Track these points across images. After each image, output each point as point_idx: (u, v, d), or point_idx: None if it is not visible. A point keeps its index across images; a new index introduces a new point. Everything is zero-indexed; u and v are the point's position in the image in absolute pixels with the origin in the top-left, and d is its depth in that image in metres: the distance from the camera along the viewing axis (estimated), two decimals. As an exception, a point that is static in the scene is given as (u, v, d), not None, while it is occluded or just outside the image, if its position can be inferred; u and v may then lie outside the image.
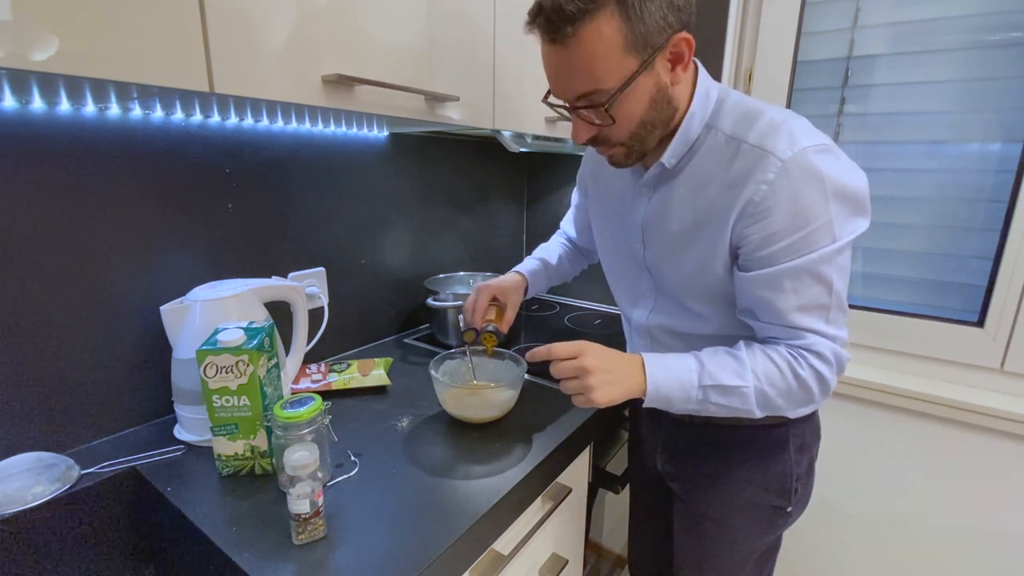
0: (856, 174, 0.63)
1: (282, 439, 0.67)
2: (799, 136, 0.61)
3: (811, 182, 0.60)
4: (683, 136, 0.68)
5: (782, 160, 0.60)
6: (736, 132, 0.65)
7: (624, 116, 0.64)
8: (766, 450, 0.79)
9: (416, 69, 0.80)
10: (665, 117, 0.67)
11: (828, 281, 0.63)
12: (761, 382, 0.65)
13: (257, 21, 0.60)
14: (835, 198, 0.61)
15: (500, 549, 0.73)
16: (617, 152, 0.69)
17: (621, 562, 1.28)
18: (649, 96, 0.63)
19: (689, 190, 0.69)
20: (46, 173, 0.70)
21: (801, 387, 0.65)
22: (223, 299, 0.78)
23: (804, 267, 0.62)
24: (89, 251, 0.75)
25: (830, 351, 0.65)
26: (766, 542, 0.85)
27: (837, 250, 0.62)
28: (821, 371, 0.65)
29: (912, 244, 1.20)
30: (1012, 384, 1.13)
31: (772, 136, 0.62)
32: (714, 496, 0.82)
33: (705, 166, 0.67)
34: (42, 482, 0.68)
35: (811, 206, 0.60)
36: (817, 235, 0.61)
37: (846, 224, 0.62)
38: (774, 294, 0.64)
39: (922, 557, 1.24)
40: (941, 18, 1.10)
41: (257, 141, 0.94)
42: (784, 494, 0.79)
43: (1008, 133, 1.08)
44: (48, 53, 0.45)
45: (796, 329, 0.65)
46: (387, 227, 1.24)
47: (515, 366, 0.92)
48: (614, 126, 0.64)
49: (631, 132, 0.66)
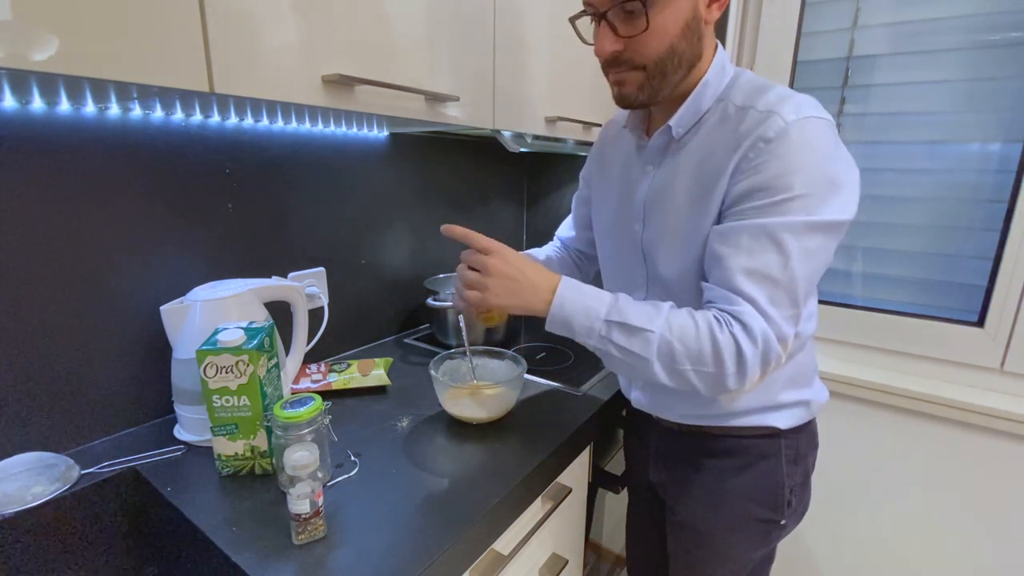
0: (849, 165, 0.62)
1: (282, 439, 0.67)
2: (807, 106, 0.61)
3: (808, 149, 0.59)
4: (694, 103, 0.67)
5: (786, 121, 0.59)
6: (746, 102, 0.64)
7: (658, 28, 0.61)
8: (757, 462, 0.76)
9: (416, 69, 0.80)
10: (690, 56, 0.65)
11: (786, 253, 0.59)
12: (671, 334, 0.61)
13: (257, 21, 0.60)
14: (825, 175, 0.59)
15: (500, 549, 0.73)
16: (634, 78, 0.65)
17: (621, 562, 1.28)
18: (684, 20, 0.62)
19: (696, 160, 0.67)
20: (46, 173, 0.70)
21: (715, 353, 0.60)
22: (223, 299, 0.78)
23: (767, 228, 0.59)
24: (89, 251, 0.75)
25: (759, 329, 0.59)
26: (759, 555, 0.82)
27: (807, 226, 0.59)
28: (741, 344, 0.59)
29: (912, 244, 1.20)
30: (1012, 384, 1.13)
31: (781, 102, 0.62)
32: (704, 509, 0.80)
33: (714, 136, 0.66)
34: (42, 482, 0.68)
35: (800, 171, 0.59)
36: (795, 203, 0.59)
37: (826, 205, 0.59)
38: (729, 250, 0.61)
39: (922, 557, 1.24)
40: (941, 18, 1.10)
41: (257, 141, 0.94)
42: (777, 507, 0.77)
43: (1008, 133, 1.08)
44: (48, 53, 0.45)
45: (734, 294, 0.61)
46: (387, 227, 1.24)
47: (515, 366, 0.92)
48: (644, 38, 0.62)
49: (659, 54, 0.63)
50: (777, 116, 0.60)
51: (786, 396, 0.75)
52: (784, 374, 0.74)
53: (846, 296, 1.30)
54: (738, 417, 0.75)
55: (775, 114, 0.60)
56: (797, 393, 0.76)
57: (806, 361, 0.77)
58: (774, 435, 0.76)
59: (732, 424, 0.75)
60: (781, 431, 0.75)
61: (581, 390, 1.00)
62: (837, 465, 1.28)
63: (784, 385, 0.74)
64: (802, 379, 0.76)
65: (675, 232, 0.70)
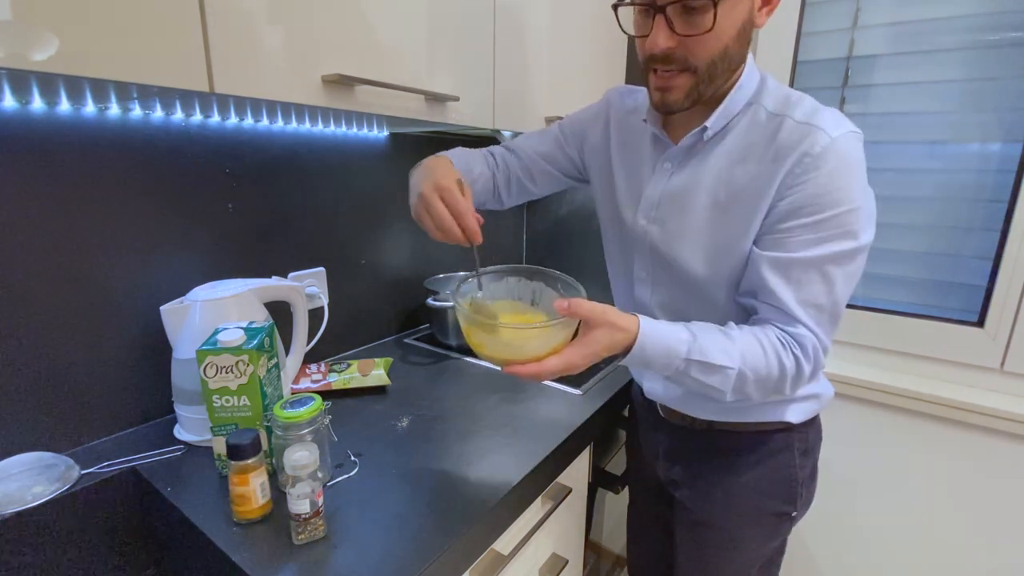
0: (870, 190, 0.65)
1: (282, 439, 0.67)
2: (846, 123, 0.63)
3: (853, 165, 0.61)
4: (729, 104, 0.66)
5: (831, 136, 0.60)
6: (779, 109, 0.65)
7: (721, 29, 0.59)
8: (770, 456, 0.77)
9: (416, 69, 0.80)
10: (738, 58, 0.64)
11: (832, 282, 0.63)
12: (746, 366, 0.63)
13: (257, 21, 0.60)
14: (865, 191, 0.62)
15: (500, 549, 0.73)
16: (682, 83, 0.63)
17: (621, 562, 1.28)
18: (741, 21, 0.61)
19: (726, 163, 0.67)
20: (46, 173, 0.70)
21: (780, 376, 0.64)
22: (223, 299, 0.78)
23: (816, 262, 0.62)
24: (89, 251, 0.75)
25: (812, 347, 0.64)
26: (771, 548, 0.84)
27: (851, 253, 0.62)
28: (801, 364, 0.64)
29: (912, 244, 1.20)
30: (1012, 384, 1.13)
31: (818, 115, 0.62)
32: (718, 504, 0.80)
33: (744, 139, 0.66)
34: (42, 482, 0.68)
35: (846, 188, 0.60)
36: (842, 220, 0.60)
37: (868, 223, 0.62)
38: (779, 281, 0.63)
39: (922, 557, 1.24)
40: (941, 18, 1.10)
41: (257, 141, 0.94)
42: (790, 500, 0.79)
43: (1008, 133, 1.08)
44: (48, 53, 0.45)
45: (791, 317, 0.64)
46: (387, 227, 1.24)
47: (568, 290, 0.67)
48: (701, 39, 0.59)
49: (713, 56, 0.61)
50: (821, 132, 0.60)
51: (800, 391, 0.76)
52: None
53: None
54: (753, 412, 0.76)
55: (819, 129, 0.61)
56: (808, 387, 0.76)
57: None
58: (786, 429, 0.77)
59: (747, 420, 0.77)
60: (794, 425, 0.76)
61: (581, 390, 1.00)
62: (837, 465, 1.28)
63: None
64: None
65: (699, 234, 0.69)
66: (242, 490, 0.61)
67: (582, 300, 0.60)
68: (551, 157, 0.89)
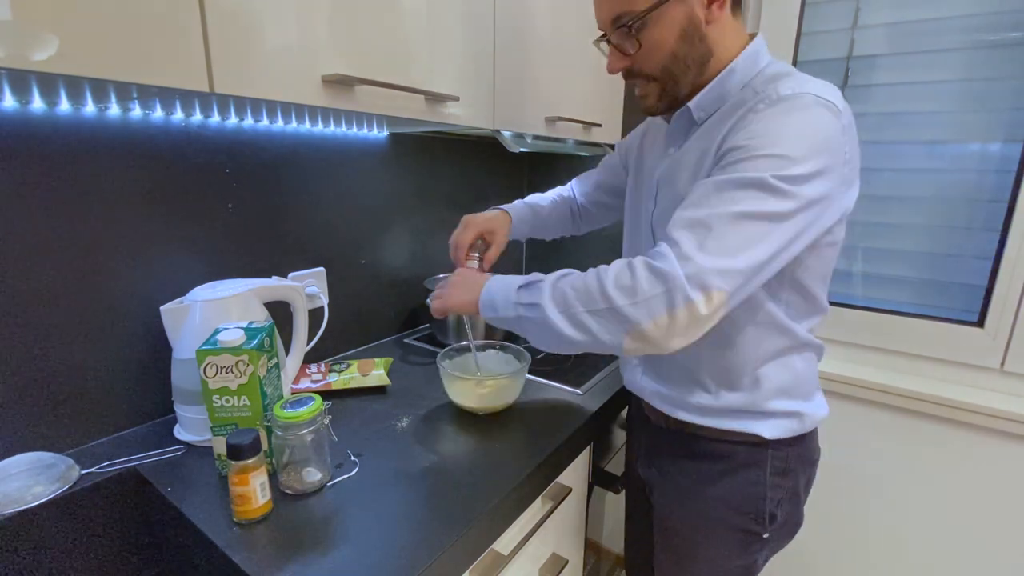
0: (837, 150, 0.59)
1: (282, 439, 0.67)
2: (812, 87, 0.60)
3: (789, 119, 0.58)
4: (716, 88, 0.67)
5: (779, 94, 0.60)
6: (760, 87, 0.64)
7: (653, 44, 0.65)
8: (740, 469, 0.74)
9: (416, 69, 0.80)
10: (697, 55, 0.66)
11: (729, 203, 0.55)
12: (564, 282, 0.63)
13: (257, 21, 0.60)
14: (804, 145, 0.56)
15: (500, 549, 0.73)
16: (651, 90, 0.70)
17: (621, 562, 1.28)
18: (680, 27, 0.64)
19: (706, 141, 0.67)
20: (46, 173, 0.70)
21: (599, 286, 0.59)
22: (223, 299, 0.78)
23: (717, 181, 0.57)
24: (89, 251, 0.75)
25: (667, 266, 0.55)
26: (736, 565, 0.80)
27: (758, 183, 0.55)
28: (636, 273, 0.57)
29: (912, 244, 1.20)
30: (1012, 384, 1.13)
31: (787, 80, 0.62)
32: (682, 509, 0.79)
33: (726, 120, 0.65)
34: (42, 482, 0.67)
35: (774, 134, 0.57)
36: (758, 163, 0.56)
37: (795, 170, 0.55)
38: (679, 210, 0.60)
39: (921, 557, 1.24)
40: (941, 18, 1.10)
41: (257, 141, 0.94)
42: (758, 519, 0.74)
43: (1008, 133, 1.08)
44: (48, 53, 0.45)
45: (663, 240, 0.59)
46: (387, 227, 1.24)
47: (518, 360, 0.95)
48: (644, 54, 0.66)
49: (663, 65, 0.67)
50: (774, 91, 0.61)
51: (776, 404, 0.72)
52: (776, 380, 0.71)
53: (846, 296, 1.30)
54: (725, 418, 0.73)
55: (775, 90, 0.61)
56: (789, 403, 0.72)
57: (804, 373, 0.74)
58: (760, 444, 0.73)
59: (719, 426, 0.74)
60: (768, 441, 0.72)
61: (581, 390, 1.00)
62: (836, 465, 1.28)
63: (775, 392, 0.72)
64: (797, 390, 0.73)
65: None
66: (242, 490, 0.61)
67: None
68: (608, 185, 1.00)
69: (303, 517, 0.64)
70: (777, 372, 0.72)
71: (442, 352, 0.94)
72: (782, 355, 0.72)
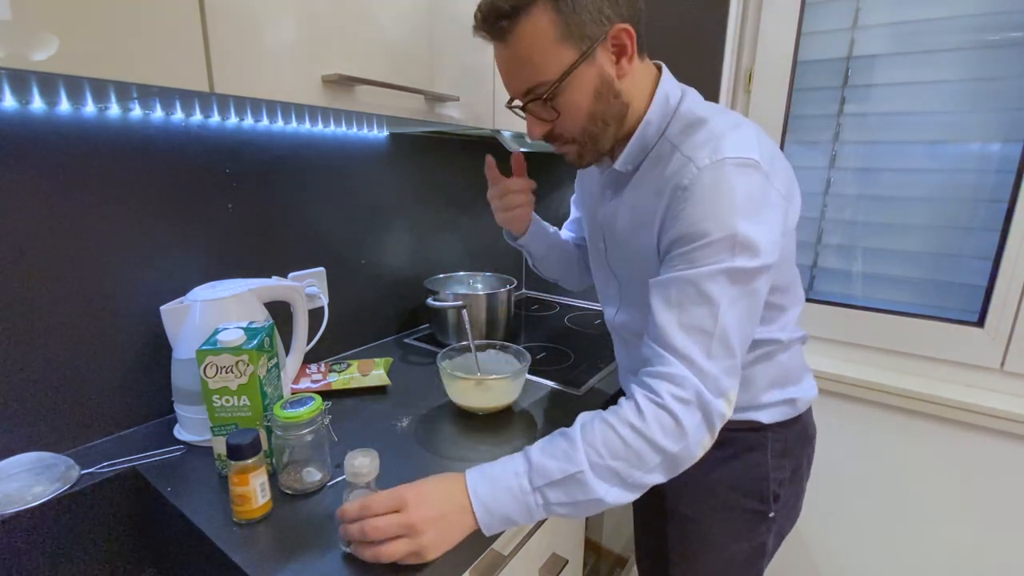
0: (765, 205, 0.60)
1: (282, 439, 0.67)
2: (726, 148, 0.60)
3: (719, 193, 0.58)
4: (637, 142, 0.68)
5: (699, 168, 0.60)
6: (677, 140, 0.65)
7: (569, 108, 0.65)
8: (744, 453, 0.77)
9: (416, 69, 0.80)
10: (615, 112, 0.67)
11: (714, 304, 0.58)
12: (603, 459, 0.57)
13: (257, 21, 0.60)
14: (743, 215, 0.58)
15: (500, 549, 0.73)
16: (571, 150, 0.70)
17: (621, 562, 1.28)
18: (593, 88, 0.64)
19: (634, 195, 0.70)
20: (46, 173, 0.70)
21: (651, 447, 0.57)
22: (223, 299, 0.78)
23: (691, 279, 0.59)
24: (89, 251, 0.75)
25: (693, 391, 0.57)
26: (746, 546, 0.82)
27: (726, 272, 0.57)
28: (675, 413, 0.57)
29: (912, 244, 1.20)
30: (1012, 384, 1.13)
31: (701, 147, 0.61)
32: (691, 496, 0.81)
33: (649, 173, 0.68)
34: (42, 482, 0.67)
35: (713, 217, 0.58)
36: (714, 248, 0.58)
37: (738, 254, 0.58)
38: (661, 305, 0.60)
39: (921, 557, 1.24)
40: (941, 18, 1.10)
41: (257, 141, 0.94)
42: (763, 499, 0.78)
43: (1008, 133, 1.08)
44: (48, 53, 0.45)
45: (669, 353, 0.59)
46: (387, 227, 1.24)
47: (518, 360, 0.95)
48: (562, 119, 0.66)
49: (581, 127, 0.66)
50: (691, 164, 0.61)
51: (769, 397, 0.76)
52: (767, 377, 0.75)
53: (846, 296, 1.30)
54: None
55: (691, 161, 0.61)
56: (781, 393, 0.76)
57: (791, 364, 0.78)
58: (759, 429, 0.77)
59: None
60: (766, 425, 0.76)
61: (581, 390, 1.00)
62: (836, 465, 1.29)
63: (767, 387, 0.76)
64: (787, 380, 0.77)
65: (633, 259, 0.73)
66: (242, 490, 0.61)
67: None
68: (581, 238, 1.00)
69: (303, 517, 0.64)
70: (765, 370, 0.75)
71: (442, 352, 0.94)
72: (769, 357, 0.75)
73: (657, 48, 0.72)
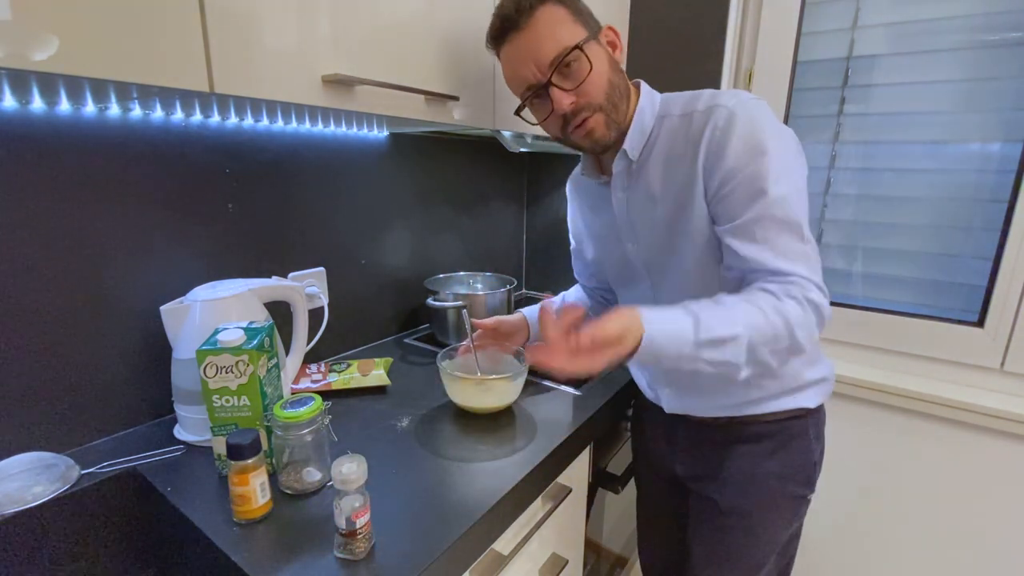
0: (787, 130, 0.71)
1: (282, 439, 0.67)
2: (739, 92, 0.71)
3: (756, 119, 0.67)
4: (638, 126, 0.75)
5: (729, 107, 0.68)
6: (686, 109, 0.73)
7: (594, 72, 0.70)
8: (789, 442, 0.80)
9: (416, 69, 0.80)
10: (624, 86, 0.75)
11: (796, 223, 0.66)
12: (752, 330, 0.62)
13: (257, 21, 0.60)
14: (778, 136, 0.68)
15: (500, 549, 0.73)
16: (598, 121, 0.73)
17: (621, 562, 1.28)
18: (607, 58, 0.72)
19: (662, 171, 0.74)
20: (46, 173, 0.70)
21: (787, 327, 0.63)
22: (223, 299, 0.78)
23: (767, 213, 0.65)
24: (89, 251, 0.75)
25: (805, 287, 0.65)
26: (789, 533, 0.86)
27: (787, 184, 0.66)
28: (804, 305, 0.64)
29: (912, 244, 1.20)
30: (1012, 384, 1.13)
31: (717, 96, 0.70)
32: (741, 494, 0.83)
33: (668, 145, 0.74)
34: (42, 482, 0.67)
35: (760, 137, 0.66)
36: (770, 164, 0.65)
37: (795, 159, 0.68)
38: (750, 246, 0.67)
39: (921, 557, 1.24)
40: (941, 18, 1.10)
41: (257, 141, 0.94)
42: (808, 483, 0.83)
43: (1008, 133, 1.08)
44: (48, 53, 0.45)
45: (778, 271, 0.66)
46: (387, 227, 1.24)
47: (518, 361, 0.95)
48: (586, 85, 0.70)
49: (605, 92, 0.72)
50: (722, 107, 0.68)
51: (810, 375, 0.79)
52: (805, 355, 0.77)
53: (846, 296, 1.30)
54: (769, 403, 0.79)
55: (720, 106, 0.69)
56: (816, 371, 0.80)
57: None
58: (802, 416, 0.80)
59: (765, 411, 0.79)
60: (809, 410, 0.80)
61: (581, 390, 1.00)
62: (837, 465, 1.28)
63: (805, 365, 0.79)
64: (816, 357, 0.81)
65: (670, 235, 0.76)
66: (242, 490, 0.61)
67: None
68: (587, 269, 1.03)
69: (303, 517, 0.64)
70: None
71: (442, 352, 0.95)
72: None
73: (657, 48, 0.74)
